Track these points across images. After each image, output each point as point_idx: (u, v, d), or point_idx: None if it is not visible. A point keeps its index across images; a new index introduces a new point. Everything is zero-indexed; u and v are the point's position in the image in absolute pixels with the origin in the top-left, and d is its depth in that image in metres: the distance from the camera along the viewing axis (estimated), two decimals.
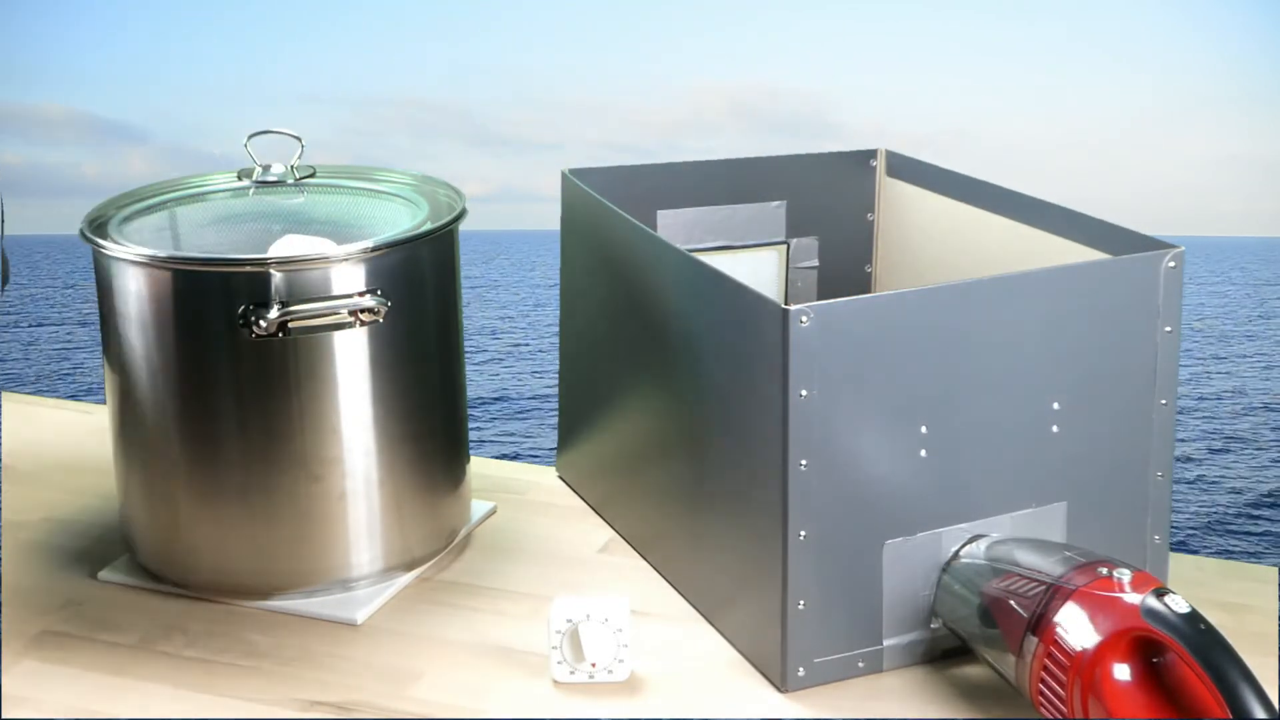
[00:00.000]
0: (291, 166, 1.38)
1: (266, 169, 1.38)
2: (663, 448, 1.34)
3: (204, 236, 1.35)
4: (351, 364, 1.25)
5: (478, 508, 1.48)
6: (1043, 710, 1.06)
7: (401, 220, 1.32)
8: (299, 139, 1.37)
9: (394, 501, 1.31)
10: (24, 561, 1.39)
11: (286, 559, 1.29)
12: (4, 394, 1.81)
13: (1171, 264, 1.21)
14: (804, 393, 1.12)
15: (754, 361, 1.15)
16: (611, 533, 1.45)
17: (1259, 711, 0.93)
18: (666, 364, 1.31)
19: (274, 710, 1.16)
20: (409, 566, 1.35)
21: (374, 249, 1.24)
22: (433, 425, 1.34)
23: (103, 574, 1.36)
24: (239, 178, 1.39)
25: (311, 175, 1.39)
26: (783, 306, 1.10)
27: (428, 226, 1.29)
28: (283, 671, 1.21)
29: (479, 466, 1.55)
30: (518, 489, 1.54)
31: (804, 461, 1.13)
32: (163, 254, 1.24)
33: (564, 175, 1.46)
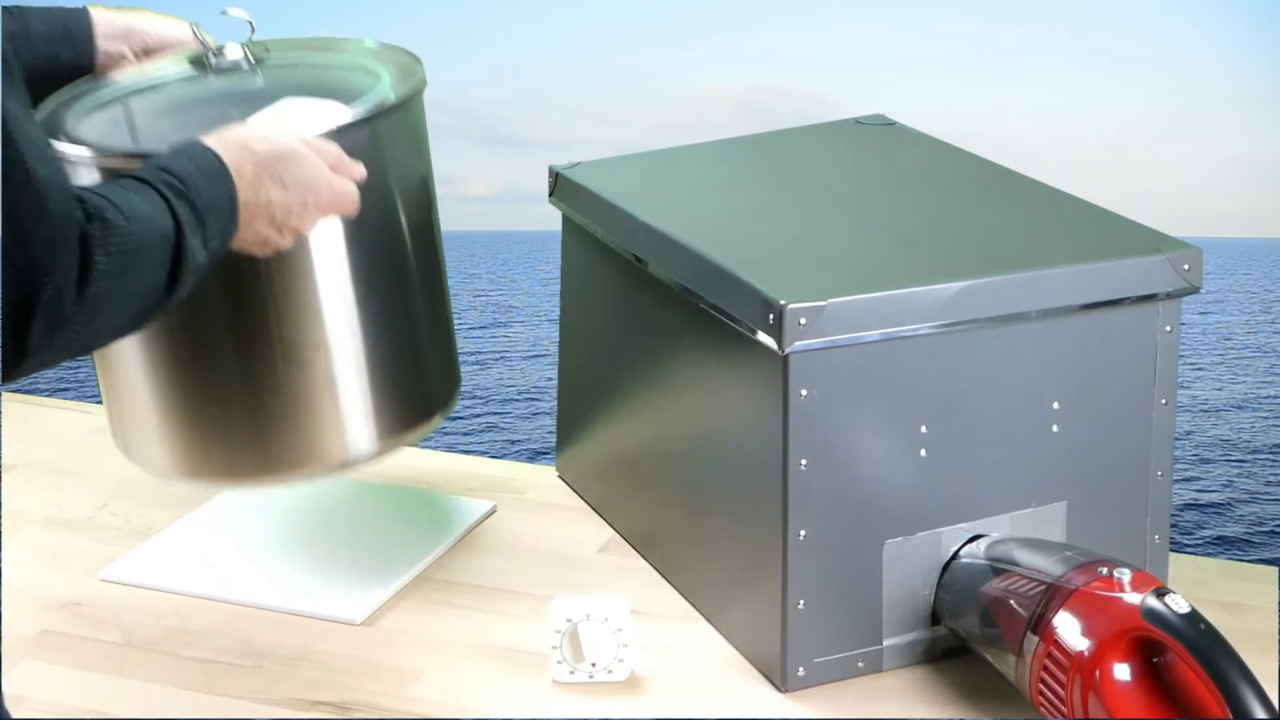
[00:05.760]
0: (245, 47, 1.32)
1: (220, 51, 1.31)
2: (663, 448, 1.34)
3: (162, 127, 1.27)
4: (326, 243, 1.21)
5: (477, 507, 1.47)
6: (1043, 710, 1.06)
7: (368, 91, 1.26)
8: (250, 21, 1.31)
9: (381, 379, 1.27)
10: (24, 561, 1.39)
11: (281, 444, 1.25)
12: (4, 394, 1.80)
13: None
14: (804, 393, 1.11)
15: (754, 360, 1.15)
16: (611, 533, 1.44)
17: (1259, 711, 0.93)
18: (666, 362, 1.31)
19: (274, 710, 1.16)
20: (398, 439, 1.31)
21: (343, 126, 1.18)
22: (412, 298, 1.30)
23: (103, 574, 1.36)
24: (191, 65, 1.32)
25: (266, 54, 1.33)
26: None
27: (392, 98, 1.24)
28: (283, 671, 1.21)
29: (478, 466, 1.55)
30: (518, 489, 1.54)
31: (804, 461, 1.13)
32: (122, 148, 1.20)
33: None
